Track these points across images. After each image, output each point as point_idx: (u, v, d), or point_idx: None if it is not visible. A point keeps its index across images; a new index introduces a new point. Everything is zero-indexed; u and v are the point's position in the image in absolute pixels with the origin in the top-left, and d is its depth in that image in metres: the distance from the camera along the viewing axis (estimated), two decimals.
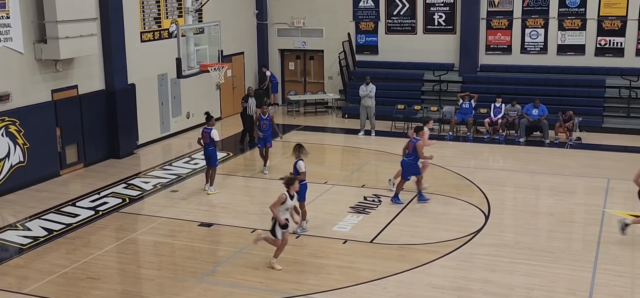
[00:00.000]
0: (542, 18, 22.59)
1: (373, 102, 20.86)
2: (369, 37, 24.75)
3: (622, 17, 21.79)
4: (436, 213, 14.05)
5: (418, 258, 11.60)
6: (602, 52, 22.15)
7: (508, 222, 13.67)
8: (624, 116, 21.19)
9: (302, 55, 26.14)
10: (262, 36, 25.79)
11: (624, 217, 12.66)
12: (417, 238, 12.57)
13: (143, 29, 19.83)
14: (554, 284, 10.54)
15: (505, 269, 11.12)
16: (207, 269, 11.38)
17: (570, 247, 12.35)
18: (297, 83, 26.32)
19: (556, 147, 19.40)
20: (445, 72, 23.35)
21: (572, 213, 14.06)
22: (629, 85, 21.23)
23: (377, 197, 14.87)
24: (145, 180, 16.66)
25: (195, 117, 22.12)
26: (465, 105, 20.82)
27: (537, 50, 22.82)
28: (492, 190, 15.29)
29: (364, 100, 20.81)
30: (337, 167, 18.36)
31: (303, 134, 21.26)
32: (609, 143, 19.49)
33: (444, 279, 10.82)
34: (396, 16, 24.24)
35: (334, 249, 12.12)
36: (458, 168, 17.08)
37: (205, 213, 14.24)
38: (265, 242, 11.41)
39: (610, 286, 10.44)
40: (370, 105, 20.87)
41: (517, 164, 17.75)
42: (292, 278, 10.91)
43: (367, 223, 13.32)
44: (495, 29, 23.17)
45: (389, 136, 20.92)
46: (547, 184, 16.07)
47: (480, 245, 12.16)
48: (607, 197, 14.74)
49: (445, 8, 23.63)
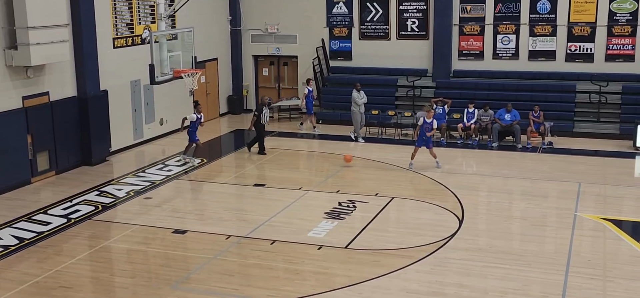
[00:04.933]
0: (513, 24, 22.84)
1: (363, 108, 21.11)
2: (342, 43, 24.82)
3: (591, 23, 22.12)
4: (410, 219, 14.11)
5: (393, 263, 11.63)
6: (573, 57, 22.46)
7: (482, 226, 13.78)
8: (594, 121, 21.50)
9: (276, 61, 26.13)
10: (236, 42, 25.73)
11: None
12: (392, 243, 12.60)
13: (115, 35, 19.67)
14: (527, 288, 10.64)
15: (480, 273, 11.20)
16: (182, 276, 11.30)
17: (543, 250, 12.47)
18: (271, 89, 26.28)
19: (528, 151, 19.61)
20: (418, 77, 23.49)
21: (545, 217, 14.21)
22: (599, 91, 21.54)
23: (352, 203, 14.90)
24: (119, 187, 16.51)
25: (169, 123, 22.01)
26: (439, 110, 20.96)
27: (509, 55, 23.06)
28: (465, 194, 15.39)
29: (360, 107, 20.88)
30: (312, 173, 18.37)
31: (277, 139, 21.23)
32: (579, 147, 19.75)
33: (418, 284, 10.87)
34: (370, 22, 24.34)
35: (308, 255, 12.11)
36: (432, 173, 17.18)
37: (179, 220, 14.14)
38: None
39: (582, 289, 10.56)
40: (363, 112, 21.00)
41: (490, 169, 17.90)
42: (267, 284, 10.88)
43: (342, 229, 13.33)
44: (467, 34, 23.38)
45: (366, 141, 20.97)
46: (519, 188, 16.23)
47: (455, 250, 12.24)
48: (578, 201, 14.91)
49: (418, 14, 23.78)
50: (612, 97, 21.50)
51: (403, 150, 19.70)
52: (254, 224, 13.64)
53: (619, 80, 21.71)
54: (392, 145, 20.50)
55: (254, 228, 13.44)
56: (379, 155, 19.25)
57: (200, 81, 22.02)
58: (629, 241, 12.57)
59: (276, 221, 13.91)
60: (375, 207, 14.59)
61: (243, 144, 21.54)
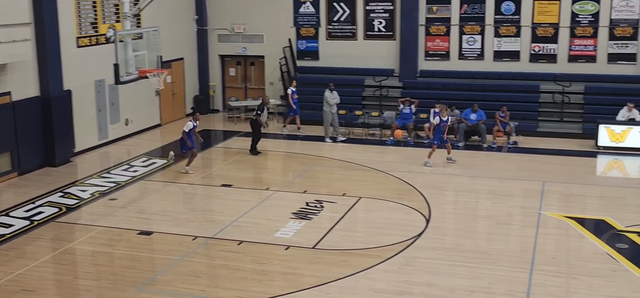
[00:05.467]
0: (478, 25, 23.06)
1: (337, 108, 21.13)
2: (309, 43, 24.81)
3: (554, 25, 22.44)
4: (378, 218, 14.15)
5: (360, 263, 11.65)
6: (536, 58, 22.77)
7: (449, 226, 13.88)
8: (557, 120, 21.81)
9: (243, 61, 26.01)
10: (202, 42, 25.55)
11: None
12: (360, 243, 12.62)
13: (79, 34, 19.38)
14: (494, 286, 10.74)
15: (447, 272, 11.28)
16: (147, 278, 11.18)
17: (509, 248, 12.60)
18: (237, 89, 26.16)
19: (494, 151, 19.82)
20: (385, 77, 23.59)
21: (510, 215, 14.36)
22: (562, 91, 21.86)
23: (320, 203, 14.89)
24: (83, 188, 16.27)
25: (135, 123, 21.77)
26: (406, 110, 21.07)
27: (475, 56, 23.29)
28: (432, 194, 15.49)
29: (332, 107, 20.87)
30: (279, 173, 18.33)
31: (244, 140, 21.13)
32: (543, 147, 20.01)
33: (386, 283, 10.90)
34: (337, 22, 24.37)
35: (276, 255, 12.07)
36: (399, 173, 17.25)
37: (145, 221, 13.99)
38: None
39: (547, 286, 10.70)
40: (335, 112, 20.98)
41: (457, 168, 18.04)
42: (234, 285, 10.82)
43: (310, 229, 13.31)
44: (433, 35, 23.55)
45: (334, 141, 21.00)
46: (485, 187, 16.39)
47: (422, 249, 12.30)
48: (542, 200, 15.11)
49: (384, 14, 23.88)
50: (574, 97, 21.84)
51: (371, 150, 19.79)
52: (221, 225, 13.56)
53: (581, 80, 22.06)
54: (359, 145, 20.54)
55: (221, 229, 13.36)
56: (346, 155, 19.28)
57: (166, 81, 21.80)
58: (592, 239, 12.77)
59: (243, 222, 13.84)
60: (342, 207, 14.60)
61: (210, 144, 21.42)
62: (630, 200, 15.52)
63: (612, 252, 12.05)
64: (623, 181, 17.66)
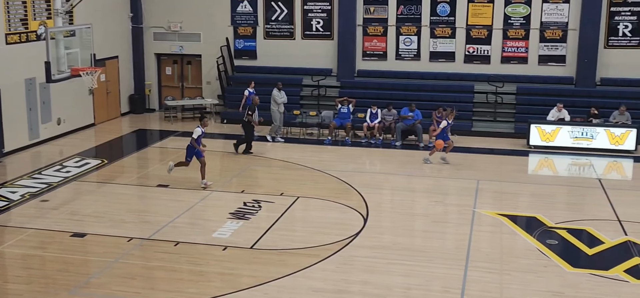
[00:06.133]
0: (415, 26, 23.38)
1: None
2: (247, 42, 24.69)
3: (488, 27, 22.95)
4: (316, 217, 14.19)
5: (298, 262, 11.66)
6: (471, 59, 23.23)
7: (386, 224, 14.02)
8: (491, 120, 22.32)
9: (180, 60, 25.69)
10: (138, 40, 25.11)
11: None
12: (298, 242, 12.63)
13: (8, 30, 18.77)
14: (430, 283, 10.91)
15: (384, 270, 11.39)
16: (81, 281, 10.92)
17: (444, 246, 12.82)
18: (174, 88, 25.81)
19: (430, 150, 20.09)
20: (323, 77, 23.67)
21: (446, 213, 14.61)
22: (495, 91, 22.38)
23: (257, 203, 14.83)
24: (12, 189, 15.77)
25: (67, 123, 21.24)
26: (344, 109, 21.19)
27: (411, 56, 23.60)
28: (370, 193, 15.62)
29: (279, 106, 20.76)
30: (216, 173, 18.16)
31: (181, 139, 20.87)
32: (477, 146, 20.44)
33: (324, 282, 10.93)
34: (274, 21, 24.32)
35: (213, 256, 11.97)
36: (337, 172, 17.33)
37: (78, 223, 13.66)
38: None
39: (481, 282, 10.92)
40: (283, 111, 20.88)
41: (394, 167, 18.25)
42: (171, 287, 10.67)
43: (247, 229, 13.25)
44: (371, 35, 23.75)
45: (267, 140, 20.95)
46: (422, 186, 16.62)
47: (359, 248, 12.39)
48: (477, 198, 15.43)
49: (322, 14, 23.96)
50: (507, 98, 22.41)
51: (308, 149, 19.82)
52: (157, 226, 13.35)
53: (513, 81, 22.63)
54: (297, 144, 20.55)
55: (157, 229, 13.16)
56: (284, 154, 19.26)
57: (100, 80, 21.37)
58: (524, 235, 13.11)
59: (180, 222, 13.67)
60: (280, 207, 14.58)
61: (146, 144, 21.10)
62: (559, 198, 16.02)
63: (542, 248, 12.40)
64: (553, 179, 18.19)
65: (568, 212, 14.74)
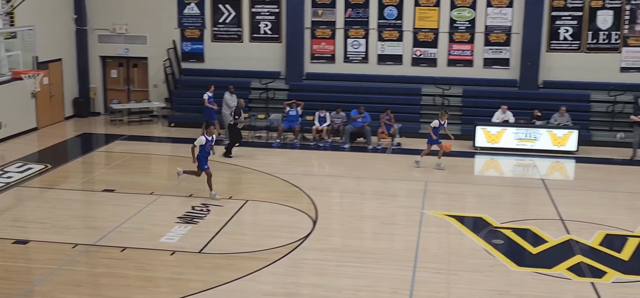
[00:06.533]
0: (363, 29, 23.54)
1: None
2: (194, 45, 24.47)
3: (434, 30, 23.26)
4: (265, 221, 14.15)
5: (248, 266, 11.60)
6: (418, 62, 23.51)
7: (335, 227, 14.06)
8: None
9: (125, 63, 25.29)
10: (82, 42, 24.62)
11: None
12: (247, 246, 12.56)
13: None
14: (378, 284, 10.98)
15: (333, 272, 11.42)
16: (24, 289, 10.64)
17: (393, 247, 12.92)
18: (120, 91, 25.40)
19: (379, 152, 20.28)
20: (271, 80, 23.62)
21: (394, 215, 14.74)
22: (442, 94, 22.70)
23: (206, 206, 14.70)
24: None
25: (9, 127, 20.70)
26: (292, 112, 21.18)
27: (359, 59, 23.74)
28: (319, 196, 15.64)
29: (232, 110, 20.60)
30: (164, 177, 17.95)
31: (127, 143, 20.56)
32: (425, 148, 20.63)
33: (274, 286, 10.90)
34: (222, 24, 24.17)
35: (161, 261, 11.81)
36: (286, 175, 17.31)
37: (20, 229, 13.30)
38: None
39: (429, 283, 11.05)
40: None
41: (343, 170, 18.32)
42: (118, 293, 10.48)
43: (196, 233, 13.11)
44: (319, 38, 23.81)
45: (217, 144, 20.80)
46: (371, 188, 16.73)
47: (309, 250, 12.40)
48: (425, 199, 15.60)
49: (270, 17, 23.91)
50: (453, 100, 22.75)
51: (257, 152, 19.73)
52: (103, 231, 13.11)
53: (459, 84, 22.99)
54: (245, 148, 20.44)
55: (103, 235, 12.91)
56: (233, 158, 19.12)
57: (43, 83, 20.89)
58: (470, 236, 13.31)
59: (127, 227, 13.45)
60: (229, 210, 14.49)
61: (91, 148, 20.71)
62: (505, 198, 16.33)
63: (489, 247, 12.61)
64: (498, 180, 18.54)
65: (513, 212, 15.04)
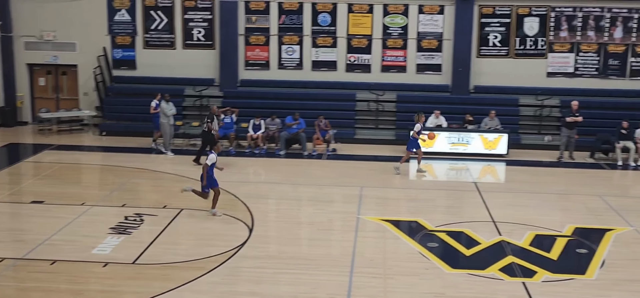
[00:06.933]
0: (297, 35, 23.58)
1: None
2: (126, 52, 24.03)
3: (368, 36, 23.50)
4: (200, 229, 13.95)
5: (183, 276, 11.41)
6: (352, 68, 23.70)
7: (272, 234, 13.99)
8: (373, 128, 22.84)
9: (54, 70, 24.62)
10: (7, 49, 23.87)
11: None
12: (182, 255, 12.36)
13: None
14: (316, 290, 10.96)
15: (271, 280, 11.34)
16: None
17: (330, 253, 12.93)
18: (49, 100, 24.71)
19: (314, 158, 20.31)
20: (206, 87, 23.40)
21: (331, 221, 14.75)
22: (376, 99, 22.94)
23: (139, 216, 14.40)
24: None
25: None
26: (227, 120, 21.01)
27: (294, 65, 23.77)
28: (255, 203, 15.54)
29: (169, 119, 20.21)
30: (95, 187, 17.52)
31: (57, 153, 19.98)
32: (360, 153, 20.83)
33: (210, 295, 10.75)
34: (154, 31, 23.81)
35: (93, 273, 11.49)
36: (221, 183, 17.05)
37: None
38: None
39: (365, 287, 11.09)
40: (172, 123, 20.44)
41: (279, 176, 18.27)
42: None
43: (129, 244, 12.82)
44: (253, 45, 23.73)
45: (148, 152, 20.46)
46: (307, 194, 16.73)
47: (246, 258, 12.29)
48: (361, 204, 15.69)
49: (204, 24, 23.70)
50: (388, 106, 23.02)
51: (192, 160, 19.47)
52: (31, 244, 12.67)
53: (393, 89, 23.30)
54: (180, 156, 20.17)
55: (32, 248, 12.48)
56: (166, 166, 18.85)
57: None
58: (406, 240, 13.44)
59: (57, 239, 13.04)
60: (163, 220, 14.23)
61: (18, 158, 20.05)
62: (439, 202, 16.59)
63: (424, 251, 12.76)
64: (432, 184, 18.82)
65: (447, 215, 15.27)
